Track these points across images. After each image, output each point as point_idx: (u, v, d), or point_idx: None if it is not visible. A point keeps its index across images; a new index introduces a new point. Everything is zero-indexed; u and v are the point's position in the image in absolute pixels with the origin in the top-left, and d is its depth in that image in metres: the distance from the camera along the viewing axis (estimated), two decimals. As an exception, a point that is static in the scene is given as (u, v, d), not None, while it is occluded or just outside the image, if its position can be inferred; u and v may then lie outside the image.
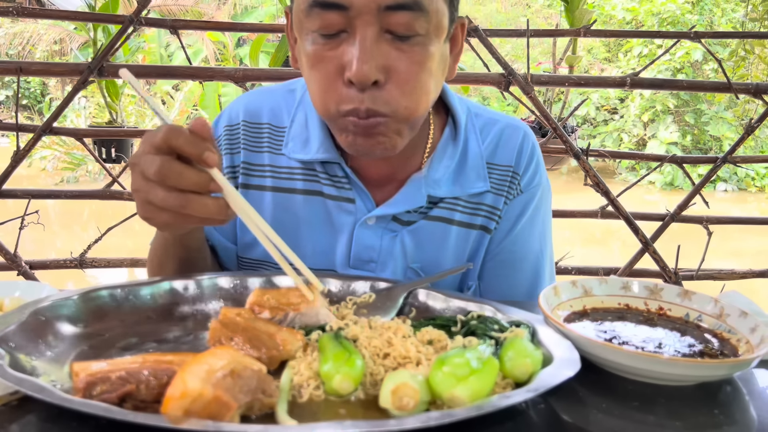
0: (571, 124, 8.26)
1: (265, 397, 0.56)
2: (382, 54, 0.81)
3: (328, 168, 1.00)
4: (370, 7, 0.78)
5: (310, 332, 0.72)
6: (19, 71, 1.97)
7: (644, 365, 0.65)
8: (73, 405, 0.51)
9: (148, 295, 0.80)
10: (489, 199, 1.03)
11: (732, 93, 2.13)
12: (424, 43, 0.82)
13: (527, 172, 1.05)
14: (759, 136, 9.18)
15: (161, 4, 9.21)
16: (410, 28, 0.80)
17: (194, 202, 0.70)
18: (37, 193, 2.20)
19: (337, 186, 1.00)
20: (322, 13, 0.80)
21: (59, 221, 5.88)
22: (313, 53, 0.83)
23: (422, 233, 1.00)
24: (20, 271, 2.13)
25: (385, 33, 0.80)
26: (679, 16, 9.70)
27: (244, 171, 1.05)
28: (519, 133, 1.06)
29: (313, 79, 0.86)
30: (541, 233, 1.08)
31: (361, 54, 0.79)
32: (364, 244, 0.99)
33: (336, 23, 0.80)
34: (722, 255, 5.45)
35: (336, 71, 0.82)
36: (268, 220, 1.02)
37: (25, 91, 10.19)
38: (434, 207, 1.01)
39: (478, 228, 1.03)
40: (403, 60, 0.82)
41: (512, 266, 1.05)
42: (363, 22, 0.79)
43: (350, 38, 0.81)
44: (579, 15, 3.96)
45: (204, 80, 2.07)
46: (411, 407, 0.55)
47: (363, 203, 0.99)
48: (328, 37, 0.81)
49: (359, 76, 0.79)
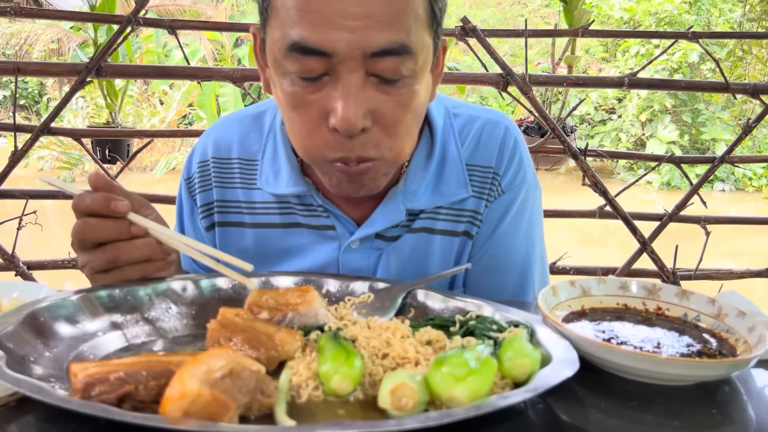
0: (570, 124, 8.26)
1: (264, 397, 0.56)
2: (368, 99, 0.77)
3: (302, 199, 0.98)
4: (354, 54, 0.73)
5: (309, 333, 0.72)
6: (16, 71, 1.97)
7: (643, 365, 0.65)
8: (72, 406, 0.50)
9: (146, 296, 0.80)
10: (471, 204, 0.99)
11: (730, 93, 2.13)
12: (411, 84, 0.79)
13: (509, 171, 1.00)
14: (756, 136, 9.20)
15: (159, 4, 9.19)
16: (397, 72, 0.76)
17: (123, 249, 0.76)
18: (35, 193, 2.19)
19: (314, 215, 0.98)
20: (302, 58, 0.75)
21: (57, 221, 5.87)
22: (293, 96, 0.79)
23: (406, 247, 0.98)
24: (18, 272, 2.12)
25: (370, 77, 0.76)
26: (676, 16, 9.71)
27: (219, 209, 1.03)
28: (499, 129, 1.01)
29: (294, 121, 0.82)
30: (528, 234, 1.03)
31: (345, 102, 0.75)
32: (351, 268, 0.98)
33: (317, 68, 0.75)
34: (720, 255, 5.46)
35: (319, 116, 0.79)
36: (253, 255, 1.00)
37: (23, 91, 10.18)
38: (416, 219, 0.98)
39: (461, 235, 1.00)
40: (389, 103, 0.78)
41: (497, 270, 1.02)
42: (347, 69, 0.74)
43: (333, 82, 0.76)
44: (577, 15, 3.97)
45: (202, 80, 2.07)
46: (410, 407, 0.55)
47: (344, 228, 0.97)
48: (309, 80, 0.77)
49: (346, 126, 0.76)
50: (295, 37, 0.74)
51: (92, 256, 0.77)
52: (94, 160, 2.33)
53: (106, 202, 0.75)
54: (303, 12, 0.73)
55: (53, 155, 7.80)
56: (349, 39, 0.73)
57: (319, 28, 0.73)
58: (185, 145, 8.37)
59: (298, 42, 0.74)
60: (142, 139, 6.14)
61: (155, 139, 3.22)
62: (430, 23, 0.80)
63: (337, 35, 0.72)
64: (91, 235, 0.74)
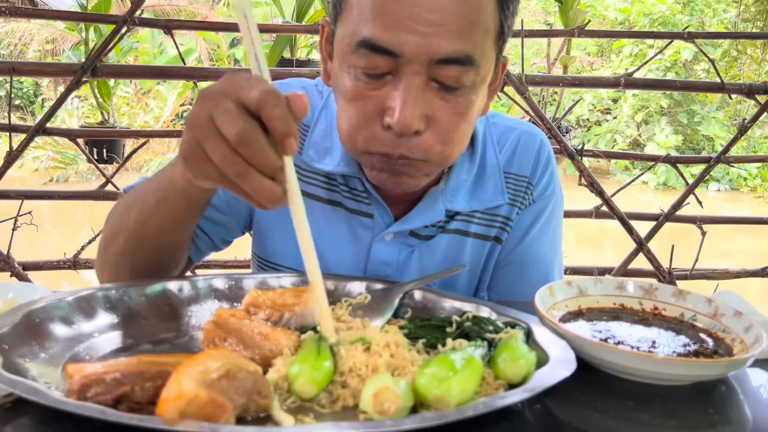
0: (566, 125, 8.28)
1: (261, 398, 0.56)
2: (426, 104, 0.78)
3: (349, 181, 0.99)
4: (421, 58, 0.75)
5: (306, 333, 0.72)
6: (11, 71, 1.97)
7: (639, 365, 0.65)
8: (68, 407, 0.50)
9: (143, 296, 0.80)
10: (504, 210, 1.02)
11: (725, 93, 2.14)
12: (469, 94, 0.81)
13: (541, 182, 1.04)
14: (751, 136, 9.23)
15: (155, 4, 9.17)
16: (458, 81, 0.78)
17: (254, 178, 0.61)
18: (30, 193, 2.18)
19: (356, 200, 0.99)
20: (370, 55, 0.77)
21: (52, 222, 5.85)
22: (354, 89, 0.80)
23: (439, 247, 1.00)
24: (13, 273, 2.12)
25: (431, 81, 0.78)
26: (669, 16, 9.73)
27: None
28: (535, 141, 1.05)
29: (348, 112, 0.83)
30: (552, 243, 1.08)
31: (404, 103, 0.76)
32: (381, 260, 0.99)
33: (383, 66, 0.77)
34: (716, 255, 5.47)
35: (375, 112, 0.80)
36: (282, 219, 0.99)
37: (18, 91, 10.13)
38: (451, 220, 1.00)
39: (492, 239, 1.03)
40: (446, 110, 0.80)
41: (521, 276, 1.05)
42: (411, 71, 0.76)
43: (395, 82, 0.78)
44: (573, 15, 3.97)
45: (198, 80, 2.06)
46: (392, 412, 0.55)
47: (381, 218, 0.98)
48: (372, 77, 0.79)
49: (401, 126, 0.77)
50: (366, 34, 0.76)
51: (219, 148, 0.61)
52: (89, 160, 2.32)
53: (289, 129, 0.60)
54: (377, 12, 0.75)
55: (48, 155, 7.78)
56: (418, 43, 0.75)
57: (391, 29, 0.75)
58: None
59: (368, 39, 0.76)
60: (137, 139, 6.13)
61: (150, 139, 3.22)
62: (497, 39, 0.82)
63: (408, 38, 0.74)
64: (247, 151, 0.60)
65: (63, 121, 8.05)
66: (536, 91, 6.03)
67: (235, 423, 0.54)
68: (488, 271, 1.04)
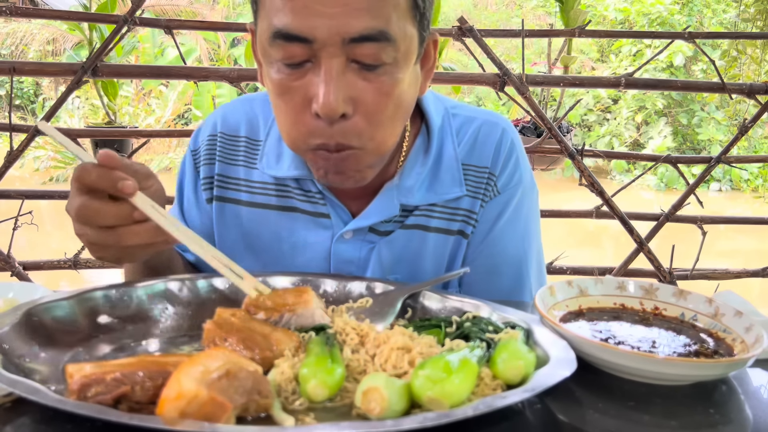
0: (566, 124, 8.27)
1: (261, 398, 0.56)
2: (349, 85, 0.78)
3: (302, 184, 0.99)
4: (334, 39, 0.75)
5: (306, 333, 0.71)
6: (12, 71, 1.96)
7: (640, 365, 0.65)
8: (68, 407, 0.50)
9: (143, 296, 0.80)
10: (466, 203, 1.00)
11: (726, 93, 2.13)
12: (392, 72, 0.80)
13: (504, 172, 1.01)
14: (752, 137, 9.22)
15: (155, 3, 9.17)
16: (377, 59, 0.78)
17: (124, 234, 0.72)
18: (31, 193, 2.18)
19: (311, 201, 0.99)
20: (285, 45, 0.77)
21: (53, 222, 5.85)
22: (279, 83, 0.81)
23: (399, 242, 0.98)
24: (14, 272, 2.12)
25: (351, 63, 0.78)
26: (666, 16, 9.73)
27: (219, 183, 1.04)
28: (497, 131, 1.02)
29: (280, 108, 0.84)
30: (524, 235, 1.04)
31: (326, 87, 0.77)
32: (343, 259, 0.98)
33: (300, 54, 0.77)
34: (716, 255, 5.47)
35: (302, 103, 0.80)
36: (245, 235, 1.02)
37: (18, 91, 10.14)
38: (410, 215, 0.98)
39: (455, 233, 1.00)
40: (370, 91, 0.80)
41: (492, 271, 1.02)
42: (328, 54, 0.76)
43: (315, 68, 0.78)
44: (573, 15, 3.97)
45: (199, 80, 2.07)
46: (376, 413, 0.55)
47: (338, 217, 0.98)
48: (293, 67, 0.79)
49: (326, 110, 0.77)
50: (278, 24, 0.76)
51: (91, 233, 0.73)
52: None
53: (113, 180, 0.71)
54: (286, 1, 0.76)
55: (48, 155, 7.78)
56: (328, 25, 0.75)
57: (300, 15, 0.75)
58: (181, 144, 8.36)
59: (281, 29, 0.76)
60: (138, 139, 6.13)
61: (151, 139, 3.22)
62: (413, 13, 0.81)
63: (317, 21, 0.75)
64: (93, 219, 0.71)
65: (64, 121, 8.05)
66: (537, 91, 6.03)
67: (235, 423, 0.54)
68: (455, 267, 1.02)
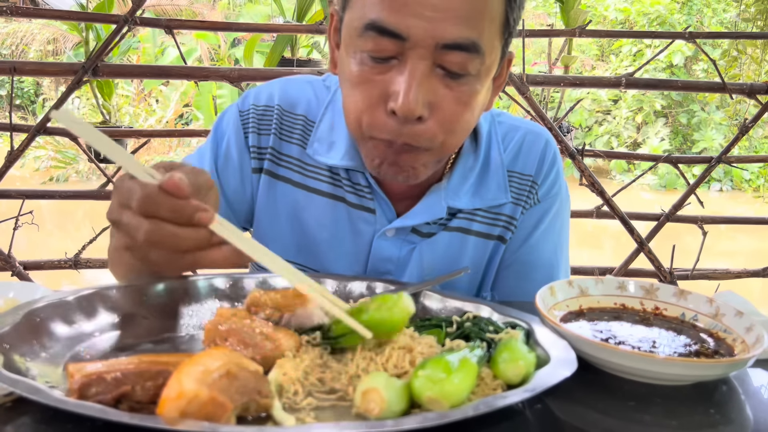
0: (566, 124, 8.27)
1: (261, 398, 0.56)
2: (430, 90, 0.79)
3: (352, 175, 0.99)
4: (427, 42, 0.76)
5: (306, 333, 0.71)
6: (13, 71, 1.97)
7: (640, 365, 0.65)
8: (68, 406, 0.50)
9: (144, 296, 0.80)
10: (508, 209, 1.02)
11: (726, 93, 2.14)
12: (473, 83, 0.81)
13: (546, 182, 1.04)
14: (753, 137, 9.21)
15: (156, 3, 9.17)
16: (463, 68, 0.79)
17: (201, 258, 0.67)
18: (31, 193, 2.19)
19: (359, 194, 0.99)
20: (377, 38, 0.77)
21: (53, 221, 5.86)
22: (359, 73, 0.81)
23: (440, 244, 1.00)
24: (14, 272, 2.12)
25: (437, 68, 0.79)
26: (666, 16, 9.72)
27: (272, 157, 1.02)
28: (541, 141, 1.05)
29: (353, 97, 0.83)
30: (557, 244, 1.07)
31: (408, 87, 0.77)
32: (382, 256, 0.99)
33: (389, 49, 0.78)
34: (717, 255, 5.47)
35: (380, 97, 0.81)
36: (288, 214, 1.02)
37: (19, 90, 10.14)
38: (453, 218, 1.00)
39: (495, 238, 1.03)
40: (449, 98, 0.80)
41: (524, 277, 1.04)
42: (417, 55, 0.77)
43: (401, 67, 0.78)
44: (574, 15, 3.97)
45: (199, 80, 2.07)
46: (375, 413, 0.55)
47: (383, 214, 0.98)
48: (378, 61, 0.79)
49: (404, 110, 0.78)
50: (373, 16, 0.77)
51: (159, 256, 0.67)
52: (89, 160, 2.32)
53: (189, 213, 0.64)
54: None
55: (49, 155, 7.78)
56: (425, 27, 0.75)
57: (398, 12, 0.76)
58: (181, 144, 8.36)
59: (375, 21, 0.77)
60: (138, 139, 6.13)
61: (152, 139, 3.21)
62: (503, 30, 0.82)
63: (414, 21, 0.75)
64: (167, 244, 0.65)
65: (64, 121, 8.03)
66: (537, 91, 6.03)
67: (236, 423, 0.54)
68: (492, 271, 1.04)
